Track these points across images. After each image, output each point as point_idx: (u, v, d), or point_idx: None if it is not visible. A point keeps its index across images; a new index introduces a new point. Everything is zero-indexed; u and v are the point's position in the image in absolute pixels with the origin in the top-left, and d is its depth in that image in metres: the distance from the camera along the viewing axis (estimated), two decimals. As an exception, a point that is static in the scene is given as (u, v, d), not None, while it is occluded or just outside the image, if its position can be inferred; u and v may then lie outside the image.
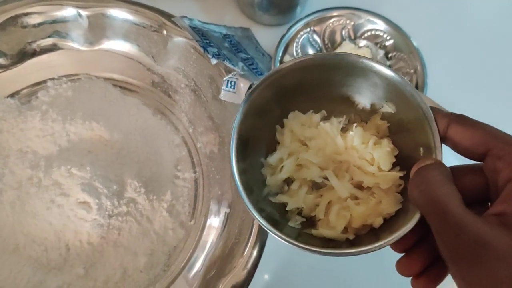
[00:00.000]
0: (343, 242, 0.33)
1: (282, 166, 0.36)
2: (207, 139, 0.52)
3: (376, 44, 0.56)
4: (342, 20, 0.57)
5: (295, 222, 0.35)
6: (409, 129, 0.34)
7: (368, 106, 0.37)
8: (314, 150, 0.36)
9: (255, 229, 0.43)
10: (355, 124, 0.36)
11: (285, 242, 0.31)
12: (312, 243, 0.32)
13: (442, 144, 0.31)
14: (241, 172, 0.34)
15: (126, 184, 0.49)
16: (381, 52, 0.56)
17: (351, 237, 0.34)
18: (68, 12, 0.53)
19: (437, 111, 0.31)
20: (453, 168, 0.29)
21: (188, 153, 0.53)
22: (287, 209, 0.36)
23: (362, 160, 0.35)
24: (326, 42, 0.58)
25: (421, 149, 0.32)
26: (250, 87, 0.47)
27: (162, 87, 0.55)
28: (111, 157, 0.50)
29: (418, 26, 0.57)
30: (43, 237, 0.47)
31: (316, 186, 0.36)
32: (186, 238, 0.48)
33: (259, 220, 0.32)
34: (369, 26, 0.57)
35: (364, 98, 0.37)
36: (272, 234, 0.32)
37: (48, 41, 0.54)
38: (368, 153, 0.35)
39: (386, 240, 0.30)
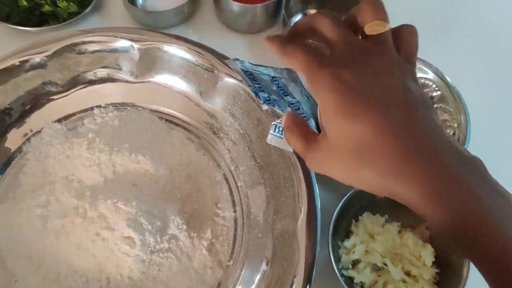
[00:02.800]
0: None
1: (354, 250, 0.50)
2: (254, 193, 0.52)
3: None
4: None
5: None
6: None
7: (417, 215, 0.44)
8: (379, 242, 0.50)
9: (297, 280, 0.43)
10: (408, 229, 0.51)
11: None
12: None
13: None
14: (332, 246, 0.48)
15: (169, 221, 0.49)
16: (427, 102, 0.56)
17: None
18: (122, 44, 0.54)
19: None
20: None
21: (229, 191, 0.54)
22: (354, 281, 0.49)
23: (412, 256, 0.49)
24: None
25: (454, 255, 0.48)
26: None
27: (207, 123, 0.56)
28: (156, 192, 0.51)
29: (468, 81, 0.57)
30: (85, 269, 0.47)
31: (376, 268, 0.50)
32: (225, 278, 0.49)
33: (343, 283, 0.46)
34: (419, 74, 0.57)
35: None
36: None
37: (100, 71, 0.55)
38: (417, 252, 0.49)
39: None
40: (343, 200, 0.49)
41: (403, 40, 0.34)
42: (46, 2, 0.61)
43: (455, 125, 0.55)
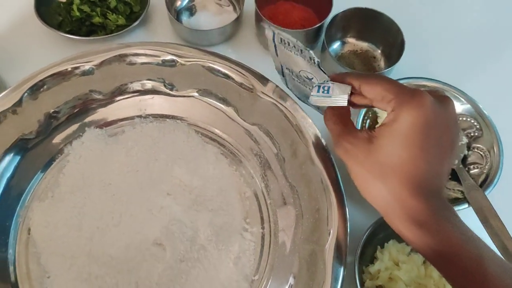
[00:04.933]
0: None
1: (378, 276, 0.50)
2: (282, 212, 0.53)
3: (464, 130, 0.58)
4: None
5: None
6: None
7: None
8: (404, 270, 0.50)
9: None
10: None
11: None
12: None
13: None
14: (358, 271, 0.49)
15: (199, 231, 0.51)
16: (464, 139, 0.57)
17: None
18: (167, 58, 0.56)
19: None
20: None
21: (258, 208, 0.55)
22: None
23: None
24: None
25: None
26: (351, 93, 0.42)
27: (241, 140, 0.58)
28: (188, 202, 0.52)
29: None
30: (116, 271, 0.49)
31: None
32: (250, 293, 0.50)
33: None
34: (468, 112, 0.58)
35: None
36: None
37: (144, 83, 0.58)
38: (442, 284, 0.49)
39: None
40: (370, 226, 0.50)
41: None
42: (97, 14, 0.65)
43: (485, 170, 0.56)
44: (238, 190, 0.56)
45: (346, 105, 0.41)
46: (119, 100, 0.58)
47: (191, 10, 0.69)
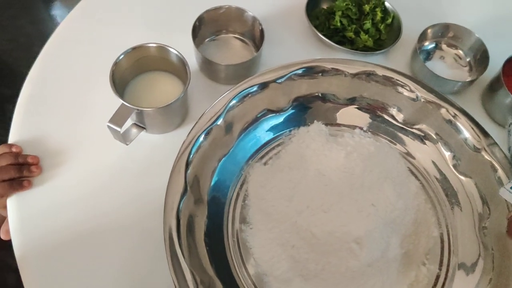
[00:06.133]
0: None
1: None
2: (465, 264, 0.57)
3: None
4: None
5: None
6: None
7: None
8: None
9: None
10: None
11: None
12: None
13: None
14: None
15: (390, 247, 0.56)
16: None
17: None
18: (410, 91, 0.63)
19: None
20: None
21: (440, 250, 0.59)
22: None
23: None
24: None
25: None
26: None
27: (446, 186, 0.62)
28: (388, 219, 0.58)
29: None
30: (311, 249, 0.56)
31: None
32: (415, 320, 0.54)
33: None
34: None
35: None
36: None
37: (377, 102, 0.65)
38: None
39: None
40: None
41: None
42: (351, 29, 0.73)
43: None
44: (428, 226, 0.60)
45: None
46: (349, 108, 0.66)
47: (429, 54, 0.75)
